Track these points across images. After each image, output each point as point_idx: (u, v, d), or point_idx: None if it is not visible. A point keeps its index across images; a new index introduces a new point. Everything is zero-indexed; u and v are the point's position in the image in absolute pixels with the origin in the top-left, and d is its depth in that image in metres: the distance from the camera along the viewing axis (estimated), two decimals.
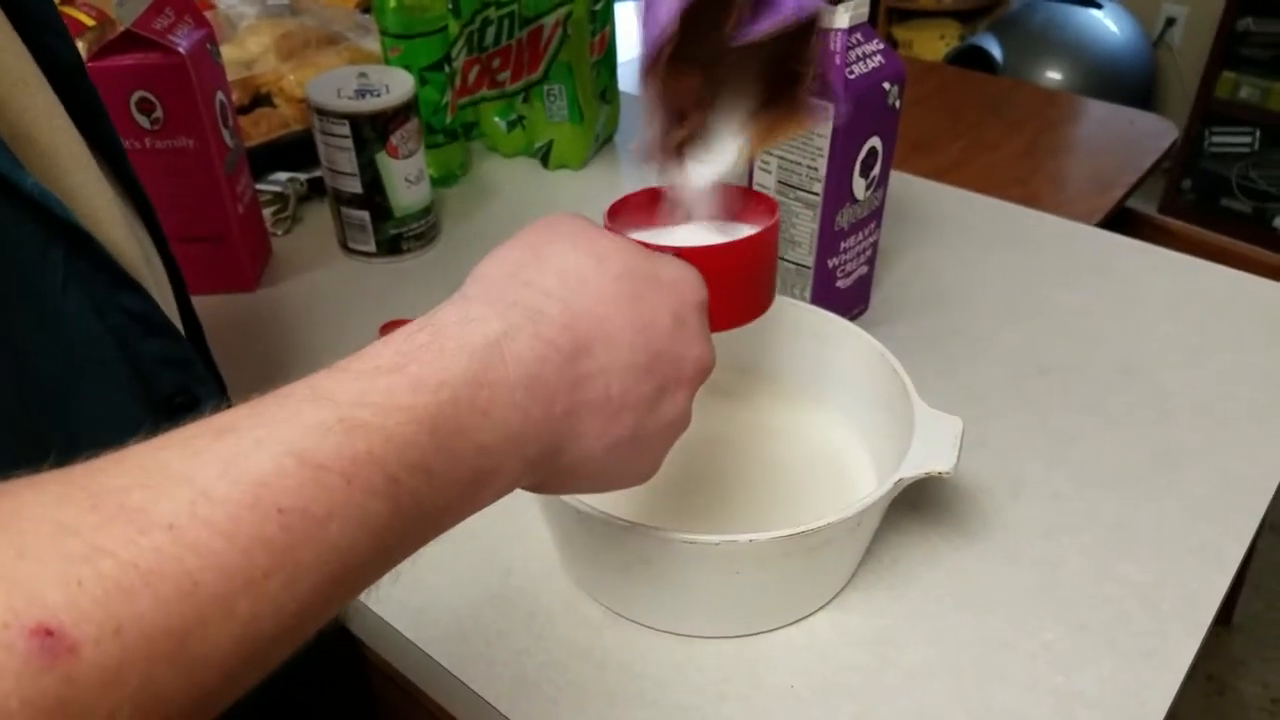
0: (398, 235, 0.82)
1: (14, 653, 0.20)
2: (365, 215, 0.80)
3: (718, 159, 0.47)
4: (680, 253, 0.42)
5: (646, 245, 0.40)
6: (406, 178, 0.80)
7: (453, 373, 0.30)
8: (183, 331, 0.47)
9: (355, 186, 0.79)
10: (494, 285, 0.34)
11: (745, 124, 0.47)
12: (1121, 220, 1.25)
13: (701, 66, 0.45)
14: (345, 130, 0.75)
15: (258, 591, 0.24)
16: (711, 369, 0.39)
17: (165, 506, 0.23)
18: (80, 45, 1.02)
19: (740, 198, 0.49)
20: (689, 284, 0.38)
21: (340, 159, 0.77)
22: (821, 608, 0.53)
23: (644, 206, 0.48)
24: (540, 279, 0.34)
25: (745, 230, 0.46)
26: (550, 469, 0.34)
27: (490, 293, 0.33)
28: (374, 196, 0.79)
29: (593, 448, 0.35)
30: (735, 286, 0.44)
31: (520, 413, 0.31)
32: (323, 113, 0.76)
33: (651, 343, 0.35)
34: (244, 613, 0.24)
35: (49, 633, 0.21)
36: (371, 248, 0.82)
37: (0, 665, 0.20)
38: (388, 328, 0.73)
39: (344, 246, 0.84)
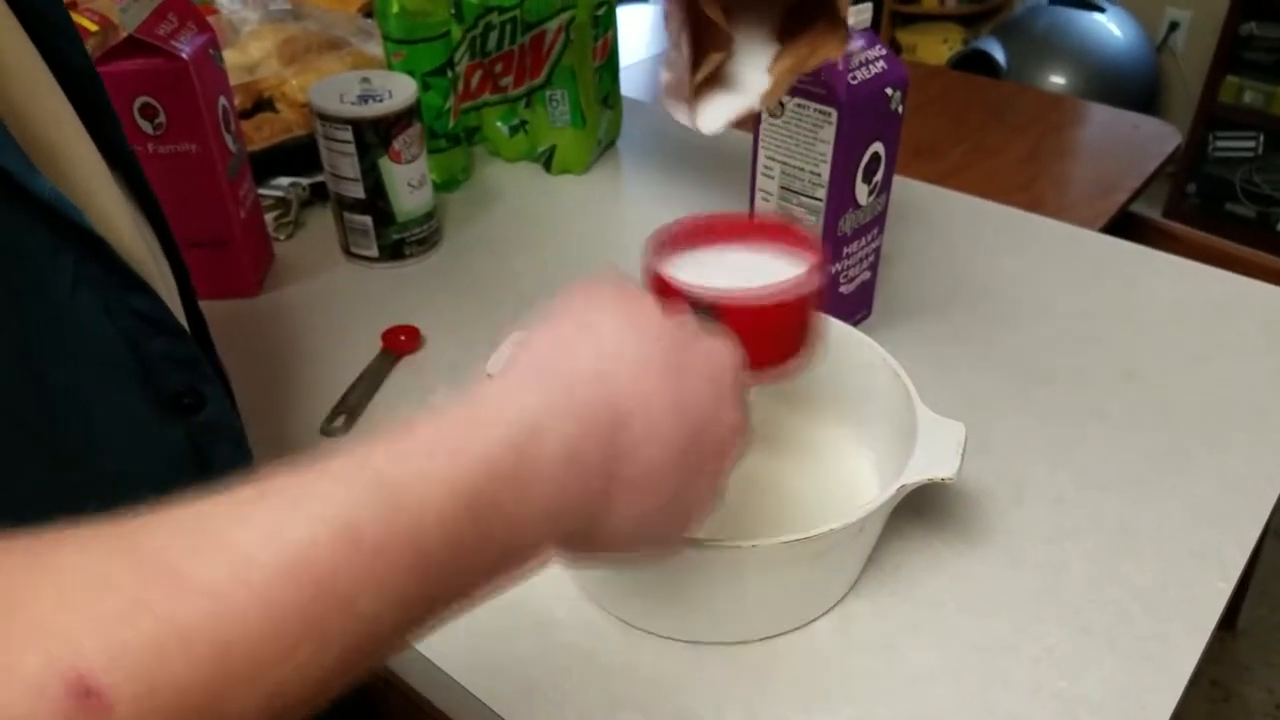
0: (400, 240, 0.82)
1: (48, 702, 0.20)
2: (368, 220, 0.80)
3: (744, 94, 0.46)
4: (718, 307, 0.42)
5: (685, 294, 0.41)
6: (409, 183, 0.80)
7: (490, 448, 0.29)
8: (189, 331, 0.47)
9: (358, 191, 0.79)
10: (535, 359, 0.34)
11: (777, 54, 0.46)
12: (1125, 224, 1.25)
13: None
14: (348, 135, 0.76)
15: (287, 660, 0.24)
16: (746, 435, 0.39)
17: (207, 570, 0.24)
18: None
19: (783, 230, 0.49)
20: (724, 351, 0.37)
21: (343, 164, 0.77)
22: (825, 613, 0.53)
23: (686, 237, 0.48)
24: (582, 352, 0.34)
25: (784, 261, 0.46)
26: (583, 542, 0.34)
27: (531, 368, 0.33)
28: (376, 201, 0.79)
29: (630, 516, 0.34)
30: (771, 337, 0.44)
31: (558, 488, 0.31)
32: (325, 118, 0.76)
33: (690, 414, 0.35)
34: (272, 679, 0.24)
35: (87, 690, 0.21)
36: (374, 252, 0.82)
37: (33, 714, 0.20)
38: (390, 334, 0.73)
39: (346, 251, 0.84)
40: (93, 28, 1.03)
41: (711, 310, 0.43)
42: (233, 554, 0.24)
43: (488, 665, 0.51)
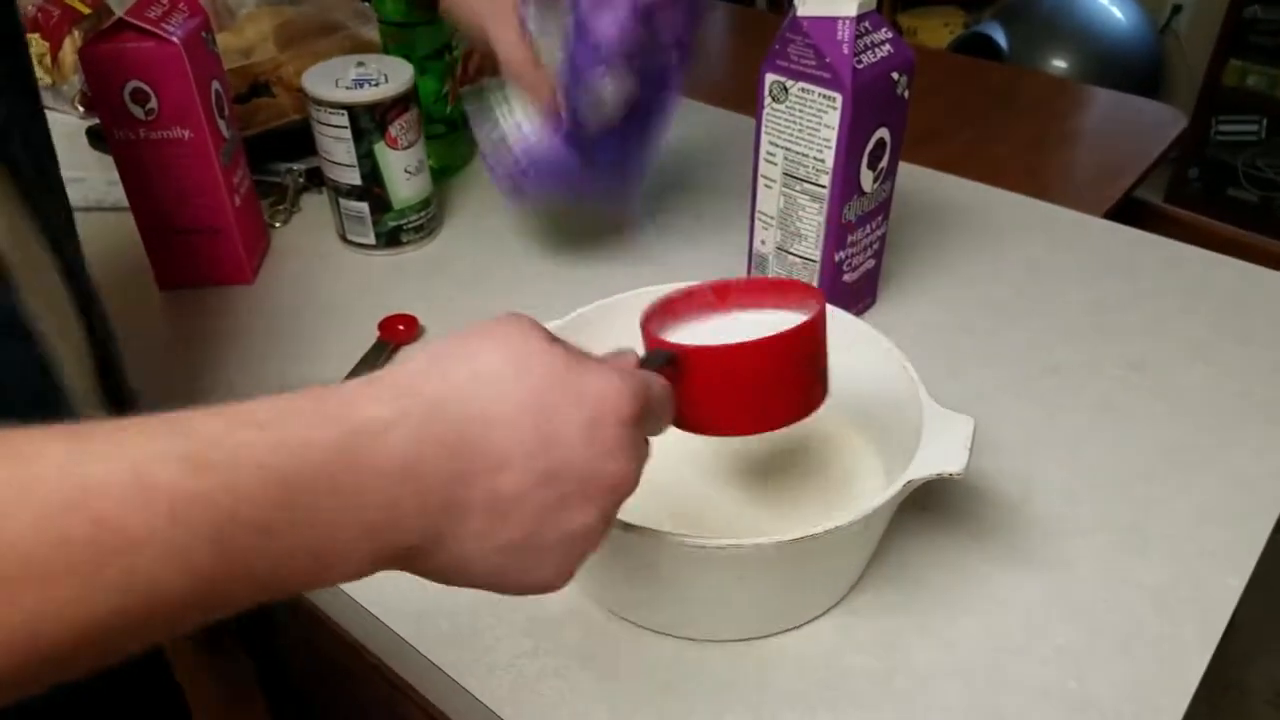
0: (397, 227, 0.81)
1: None
2: (364, 207, 0.79)
3: None
4: (682, 351, 0.42)
5: (651, 340, 0.41)
6: (406, 169, 0.78)
7: (321, 444, 0.29)
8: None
9: (354, 178, 0.77)
10: (409, 372, 0.33)
11: None
12: (1129, 210, 1.24)
13: None
14: (343, 120, 0.74)
15: (47, 591, 0.24)
16: (630, 489, 0.37)
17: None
18: (75, 34, 1.01)
19: (786, 290, 0.48)
20: (617, 399, 0.35)
21: (338, 150, 0.76)
22: (829, 611, 0.52)
23: (684, 303, 0.48)
24: (454, 374, 0.33)
25: (793, 316, 0.45)
26: (427, 562, 0.33)
27: (399, 379, 0.32)
28: (373, 188, 0.78)
29: (479, 547, 0.33)
30: (749, 388, 0.43)
31: (386, 500, 0.30)
32: (319, 103, 0.74)
33: (554, 452, 0.33)
34: (28, 607, 0.23)
35: None
36: (371, 240, 0.81)
37: None
38: (387, 323, 0.72)
39: (343, 238, 0.83)
40: (85, 10, 1.02)
41: (674, 357, 0.42)
42: (24, 468, 0.24)
43: (484, 662, 0.50)
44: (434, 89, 0.87)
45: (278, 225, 0.86)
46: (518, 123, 0.71)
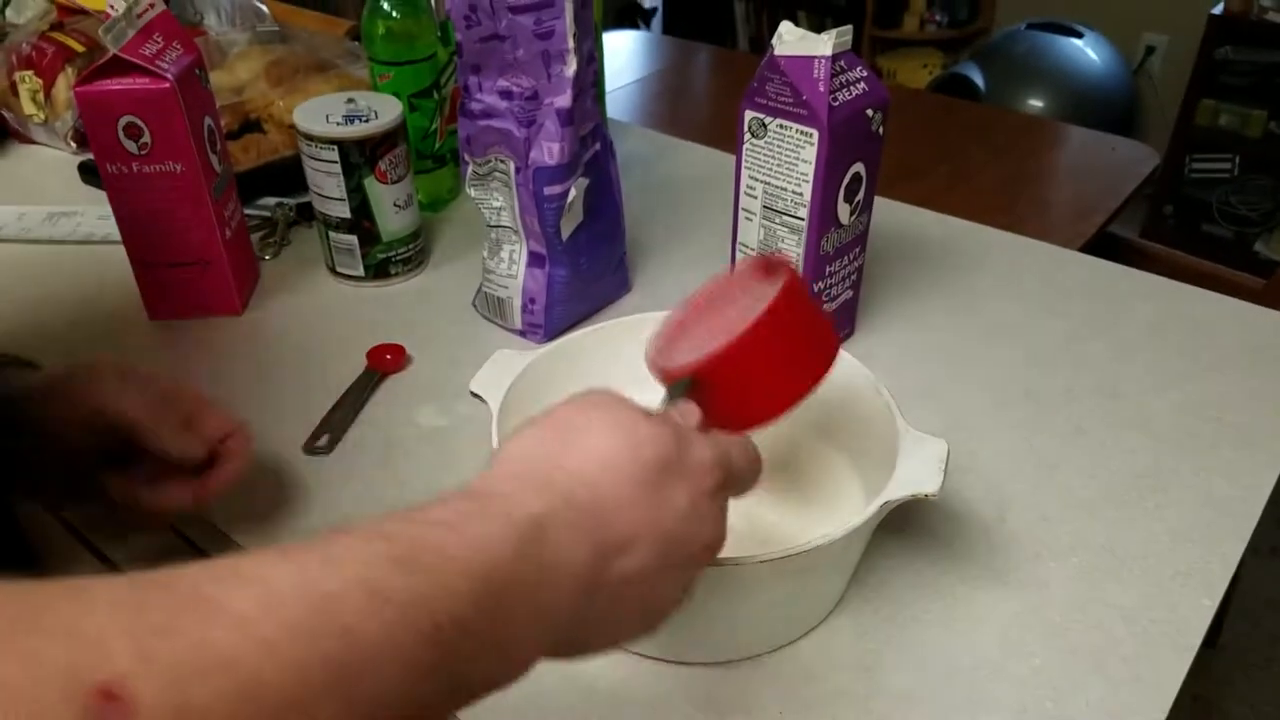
0: (386, 259, 0.82)
1: (73, 706, 0.19)
2: (353, 240, 0.80)
3: None
4: (695, 370, 0.43)
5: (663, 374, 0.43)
6: (395, 202, 0.80)
7: (501, 540, 0.30)
8: None
9: (343, 211, 0.79)
10: (527, 458, 0.35)
11: None
12: (1104, 245, 1.27)
13: None
14: (333, 156, 0.76)
15: (313, 707, 0.24)
16: (720, 549, 0.40)
17: (238, 601, 0.23)
18: (69, 70, 1.03)
19: (756, 271, 0.48)
20: (707, 468, 0.38)
21: (328, 184, 0.77)
22: (809, 632, 0.53)
23: (681, 322, 0.49)
24: (574, 462, 0.35)
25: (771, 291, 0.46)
26: (566, 648, 0.35)
27: (525, 467, 0.34)
28: (362, 221, 0.79)
29: (601, 625, 0.36)
30: (762, 374, 0.44)
31: (553, 592, 0.32)
32: (310, 138, 0.76)
33: (666, 527, 0.36)
34: None
35: (111, 696, 0.20)
36: (360, 271, 0.82)
37: (53, 711, 0.19)
38: (375, 353, 0.73)
39: (332, 271, 0.84)
40: (79, 48, 1.04)
41: (692, 381, 0.43)
42: (264, 588, 0.24)
43: None
44: (422, 125, 0.89)
45: (268, 258, 0.87)
46: (505, 274, 0.74)
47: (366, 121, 0.76)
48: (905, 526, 0.58)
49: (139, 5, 0.68)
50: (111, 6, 0.67)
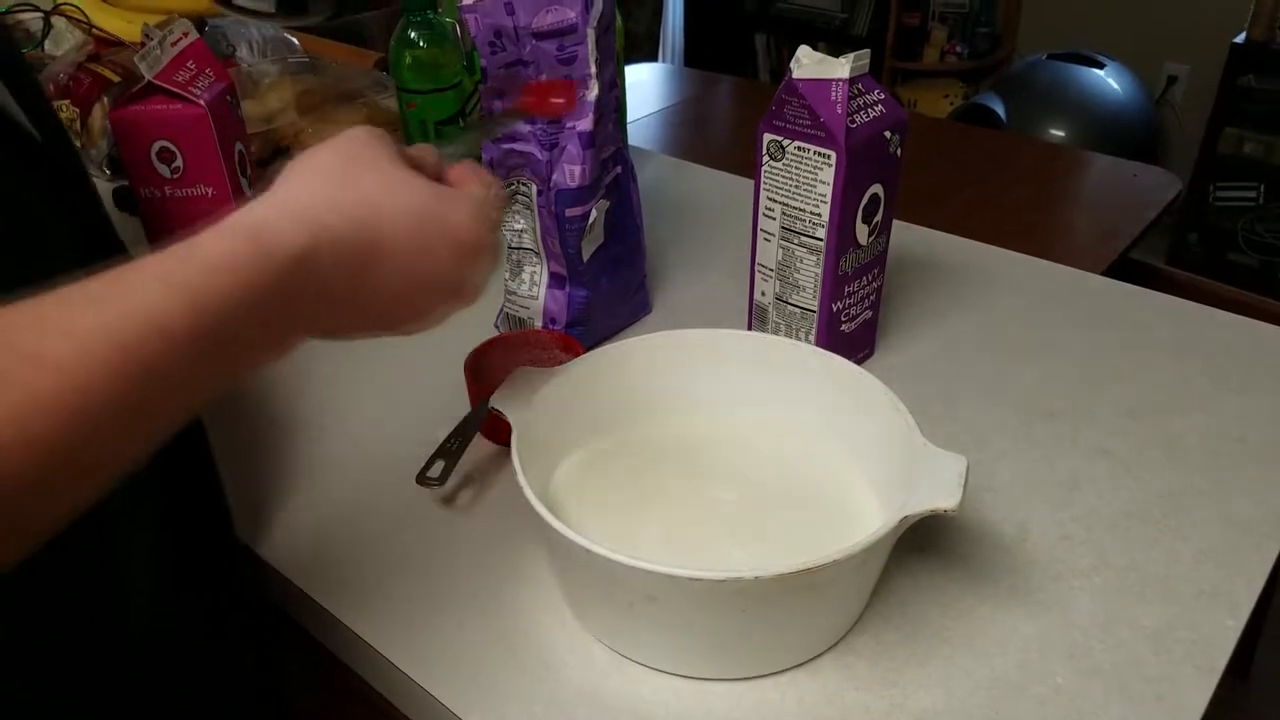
0: None
1: None
2: None
3: None
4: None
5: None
6: None
7: (273, 279, 0.36)
8: None
9: None
10: (307, 199, 0.40)
11: None
12: (1127, 271, 1.26)
13: None
14: None
15: (126, 428, 0.32)
16: (477, 298, 0.46)
17: (53, 352, 0.30)
18: (104, 100, 1.05)
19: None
20: (470, 227, 0.44)
21: None
22: (829, 649, 0.52)
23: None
24: (347, 201, 0.40)
25: None
26: (325, 335, 0.42)
27: (304, 206, 0.39)
28: None
29: (350, 333, 0.43)
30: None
31: (311, 309, 0.39)
32: None
33: (425, 272, 0.43)
34: (123, 435, 0.32)
35: None
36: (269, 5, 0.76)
37: None
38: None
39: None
40: (115, 78, 1.06)
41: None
42: (75, 341, 0.30)
43: (487, 700, 0.50)
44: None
45: None
46: (527, 295, 0.75)
47: None
48: (926, 546, 0.58)
49: (173, 34, 0.70)
50: (146, 36, 0.69)
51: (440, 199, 0.43)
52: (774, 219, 0.69)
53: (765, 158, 0.67)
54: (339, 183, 0.41)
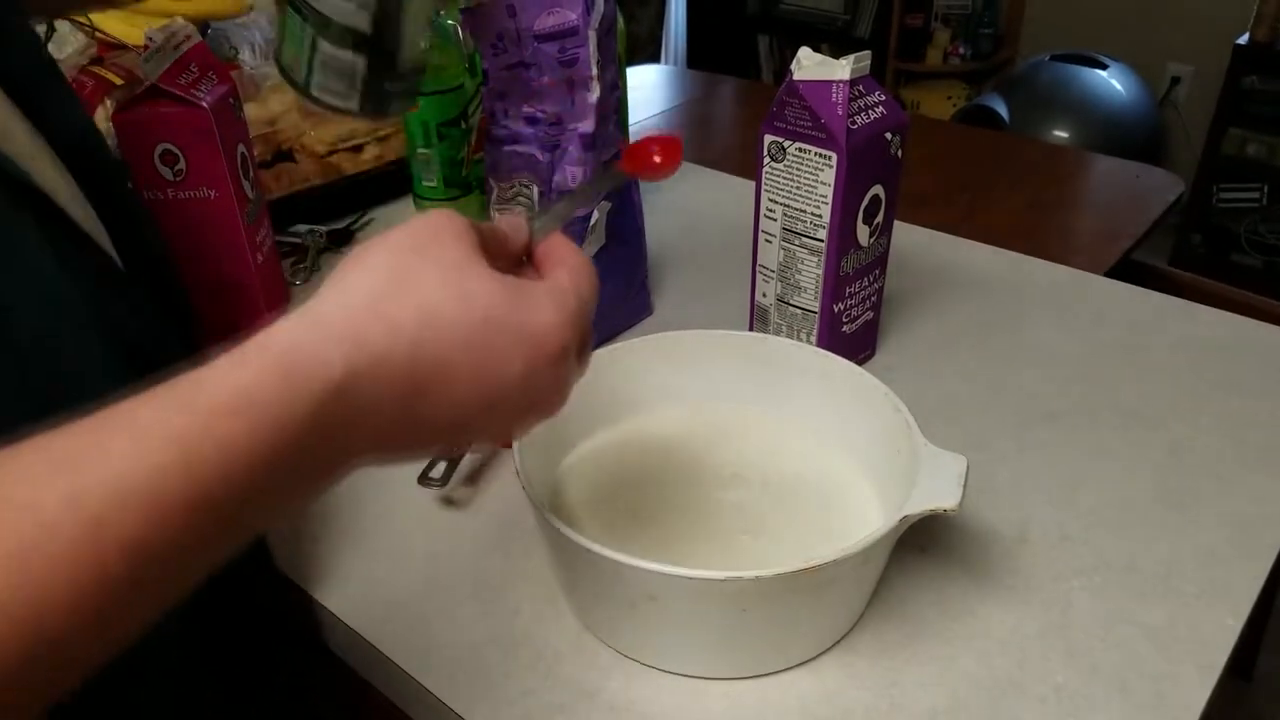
0: (389, 92, 0.58)
1: None
2: (356, 61, 0.56)
3: None
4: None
5: None
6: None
7: (295, 423, 0.30)
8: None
9: (358, 21, 0.54)
10: (350, 312, 0.33)
11: None
12: (1130, 272, 1.26)
13: None
14: None
15: (101, 617, 0.26)
16: (554, 413, 0.39)
17: (13, 540, 0.24)
18: (108, 103, 1.06)
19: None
20: (556, 339, 0.37)
21: None
22: (829, 649, 0.53)
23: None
24: (398, 313, 0.33)
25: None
26: (369, 464, 0.36)
27: (344, 321, 0.33)
28: (382, 37, 0.56)
29: (403, 458, 0.37)
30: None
31: (346, 448, 0.33)
32: None
33: (490, 391, 0.35)
34: (92, 630, 0.26)
35: None
36: (353, 104, 0.58)
37: None
38: None
39: (303, 90, 0.58)
40: (118, 81, 1.06)
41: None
42: (33, 520, 0.25)
43: (489, 700, 0.51)
44: (450, 155, 0.91)
45: (298, 283, 0.89)
46: None
47: None
48: (927, 546, 0.58)
49: (176, 37, 0.70)
50: (149, 39, 0.70)
51: (517, 299, 0.36)
52: (775, 220, 0.69)
53: (766, 159, 0.67)
54: (394, 286, 0.34)
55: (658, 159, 0.48)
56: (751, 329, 0.75)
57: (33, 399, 0.36)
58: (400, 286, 0.34)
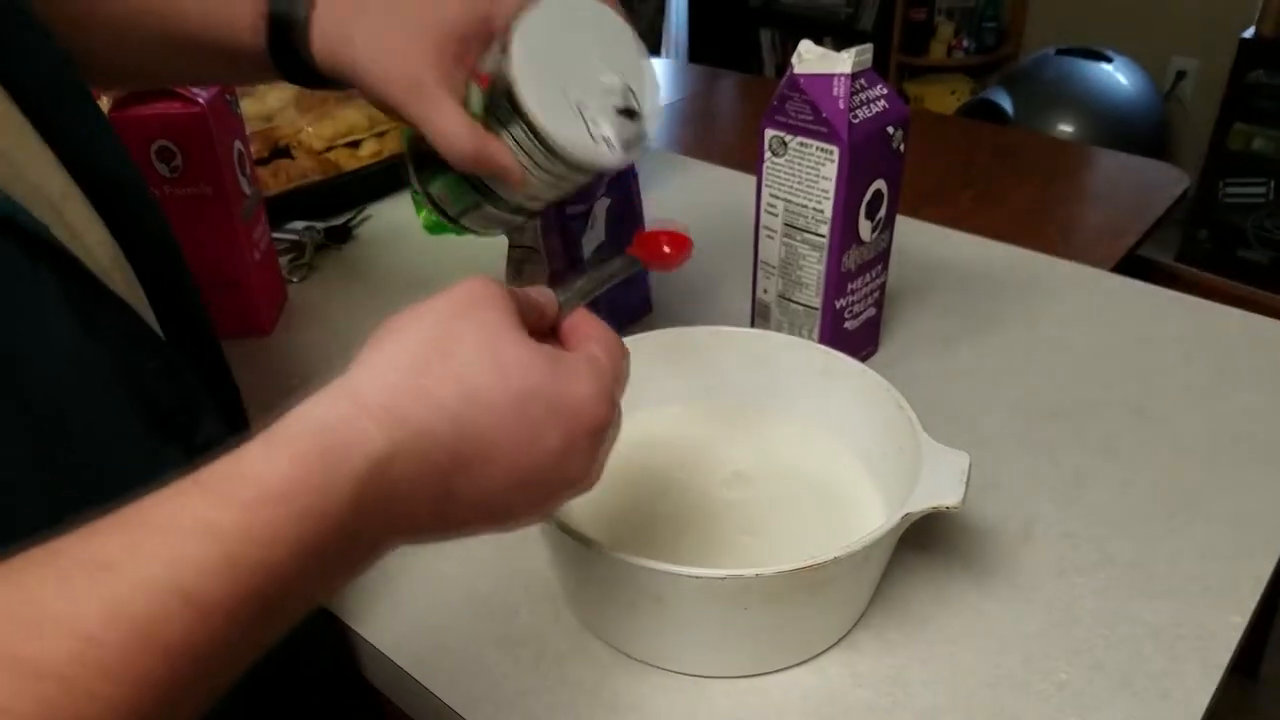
0: None
1: None
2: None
3: None
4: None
5: None
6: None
7: (339, 504, 0.29)
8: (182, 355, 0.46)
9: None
10: (389, 386, 0.33)
11: None
12: (1135, 268, 1.25)
13: None
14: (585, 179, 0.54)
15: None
16: (589, 488, 0.39)
17: (54, 655, 0.23)
18: (106, 100, 1.05)
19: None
20: (593, 410, 0.36)
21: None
22: (831, 647, 0.52)
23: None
24: (438, 388, 0.33)
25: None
26: (401, 545, 0.35)
27: (382, 395, 0.32)
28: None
29: (439, 538, 0.36)
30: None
31: (387, 526, 0.32)
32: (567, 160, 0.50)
33: (528, 465, 0.35)
34: None
35: None
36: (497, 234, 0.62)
37: None
38: None
39: (454, 222, 0.59)
40: None
41: None
42: (75, 637, 0.24)
43: (490, 699, 0.50)
44: None
45: (295, 281, 0.89)
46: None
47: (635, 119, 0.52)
48: (929, 543, 0.58)
49: None
50: None
51: (555, 370, 0.36)
52: (776, 215, 0.68)
53: (767, 154, 0.67)
54: (432, 358, 0.33)
55: (666, 249, 0.52)
56: (753, 325, 0.75)
57: (51, 467, 0.35)
58: (438, 358, 0.34)
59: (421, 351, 0.34)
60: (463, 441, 0.33)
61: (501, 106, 0.49)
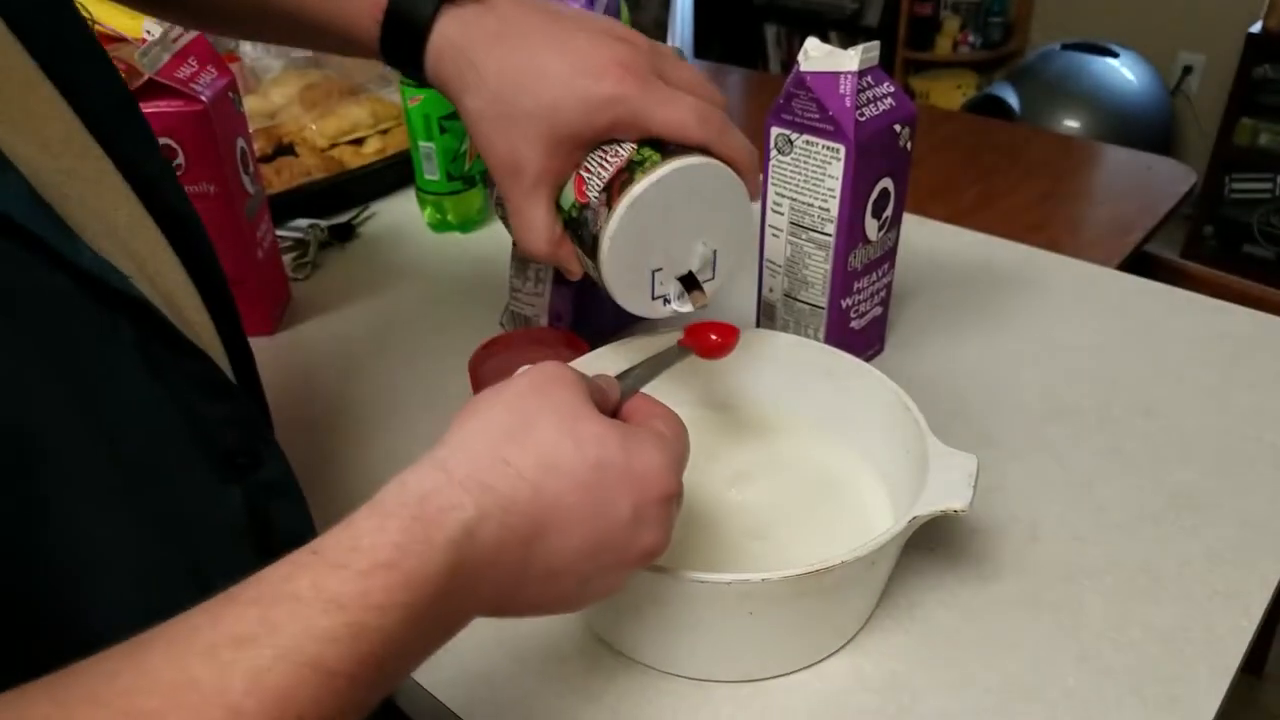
0: None
1: None
2: None
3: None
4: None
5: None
6: None
7: (438, 568, 0.32)
8: (241, 386, 0.47)
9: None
10: (475, 458, 0.35)
11: None
12: (1142, 264, 1.25)
13: None
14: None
15: None
16: (660, 555, 0.40)
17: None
18: None
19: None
20: (662, 479, 0.39)
21: None
22: (838, 651, 0.52)
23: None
24: (519, 458, 0.36)
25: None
26: (487, 615, 0.37)
27: (469, 466, 0.35)
28: None
29: (520, 608, 0.38)
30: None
31: (473, 591, 0.34)
32: None
33: (602, 532, 0.37)
34: None
35: None
36: None
37: None
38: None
39: None
40: None
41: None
42: (223, 709, 0.26)
43: (492, 702, 0.50)
44: (452, 147, 0.90)
45: (299, 278, 0.89)
46: (532, 292, 0.74)
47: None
48: (936, 546, 0.57)
49: (174, 30, 0.69)
50: (148, 31, 0.69)
51: (625, 443, 0.38)
52: (782, 214, 0.68)
53: (773, 152, 0.66)
54: (514, 434, 0.36)
55: (714, 337, 0.55)
56: (758, 325, 0.74)
57: (147, 523, 0.37)
58: (520, 431, 0.36)
59: (503, 426, 0.37)
60: (542, 509, 0.35)
61: (584, 239, 0.52)
